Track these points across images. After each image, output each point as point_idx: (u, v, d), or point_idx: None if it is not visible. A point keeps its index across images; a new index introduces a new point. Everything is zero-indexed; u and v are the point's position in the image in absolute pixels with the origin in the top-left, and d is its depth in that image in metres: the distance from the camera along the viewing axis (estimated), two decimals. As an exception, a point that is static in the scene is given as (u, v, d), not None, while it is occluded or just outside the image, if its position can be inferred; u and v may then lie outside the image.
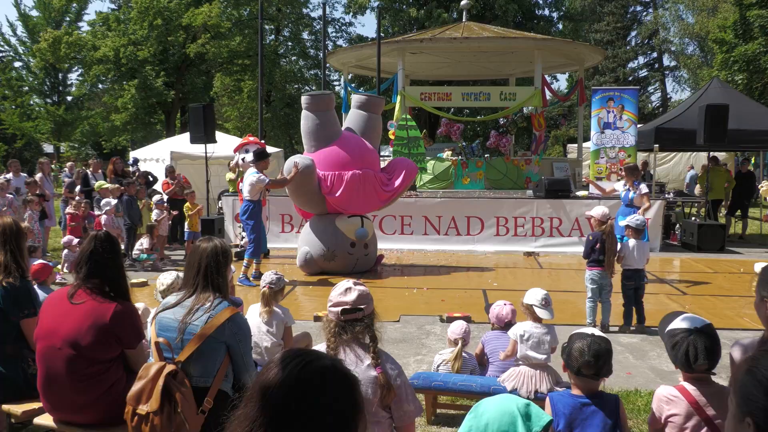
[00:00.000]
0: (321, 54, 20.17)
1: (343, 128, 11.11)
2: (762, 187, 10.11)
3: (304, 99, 10.62)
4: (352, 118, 11.14)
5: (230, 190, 15.11)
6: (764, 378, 1.45)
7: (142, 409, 3.06)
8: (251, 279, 9.88)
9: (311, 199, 10.41)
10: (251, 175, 9.90)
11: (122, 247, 11.82)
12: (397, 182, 10.79)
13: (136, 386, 3.13)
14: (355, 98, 11.20)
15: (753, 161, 19.02)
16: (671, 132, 14.58)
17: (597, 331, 3.22)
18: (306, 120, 10.68)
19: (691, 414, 2.91)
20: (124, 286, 3.65)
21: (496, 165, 16.56)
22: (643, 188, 9.77)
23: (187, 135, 15.09)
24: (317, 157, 10.39)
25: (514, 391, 4.40)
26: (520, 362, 4.58)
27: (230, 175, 15.37)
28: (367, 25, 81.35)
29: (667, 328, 3.04)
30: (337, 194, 10.24)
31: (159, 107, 35.61)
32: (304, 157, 10.25)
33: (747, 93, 22.56)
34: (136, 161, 16.62)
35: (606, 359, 3.07)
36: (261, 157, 10.32)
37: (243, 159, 12.23)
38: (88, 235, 3.72)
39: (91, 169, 14.06)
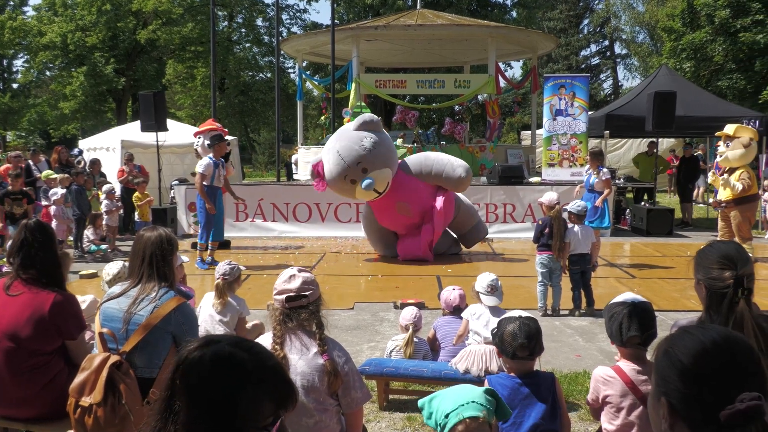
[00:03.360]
0: (275, 41, 19.98)
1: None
2: (711, 175, 10.35)
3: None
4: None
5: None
6: (678, 360, 1.47)
7: (85, 401, 2.99)
8: (205, 262, 10.17)
9: None
10: (201, 162, 10.10)
11: (71, 238, 11.63)
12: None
13: (79, 378, 3.05)
14: (455, 175, 10.52)
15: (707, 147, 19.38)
16: (621, 119, 14.84)
17: (524, 313, 3.27)
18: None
19: (626, 393, 2.99)
20: (60, 275, 3.56)
21: (451, 152, 16.60)
22: (605, 173, 9.89)
23: (138, 123, 14.83)
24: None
25: (467, 373, 4.45)
26: (471, 341, 4.65)
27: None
28: (321, 11, 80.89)
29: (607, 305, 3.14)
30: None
31: (109, 95, 34.95)
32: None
33: (694, 80, 23.05)
34: (80, 152, 16.24)
35: (538, 338, 3.14)
36: (217, 141, 10.38)
37: (208, 144, 11.74)
38: (19, 225, 3.61)
39: (30, 160, 13.64)
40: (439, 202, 10.33)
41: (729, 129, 9.74)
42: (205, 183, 9.96)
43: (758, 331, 2.44)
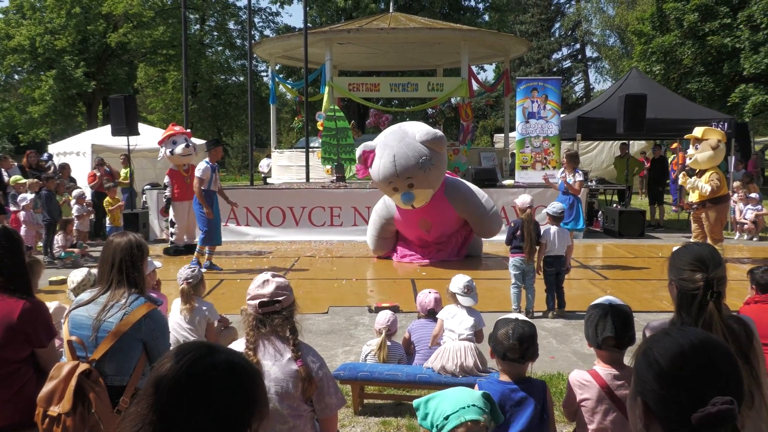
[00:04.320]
0: (247, 44, 19.88)
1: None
2: (681, 176, 10.50)
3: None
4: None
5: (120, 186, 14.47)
6: (655, 361, 1.48)
7: (54, 410, 2.94)
8: (208, 264, 10.22)
9: None
10: (198, 167, 10.09)
11: (41, 244, 11.45)
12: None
13: (48, 387, 3.00)
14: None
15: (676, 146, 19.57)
16: (593, 121, 14.95)
17: (521, 316, 3.26)
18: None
19: (602, 398, 2.99)
20: (28, 281, 3.48)
21: (424, 155, 16.65)
22: (579, 175, 10.08)
23: (109, 127, 14.65)
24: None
25: (442, 371, 4.46)
26: (445, 339, 4.66)
27: (124, 171, 14.80)
28: (294, 15, 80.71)
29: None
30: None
31: (79, 99, 34.50)
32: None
33: (664, 83, 23.34)
34: (50, 157, 15.99)
35: (530, 342, 3.11)
36: (213, 146, 10.47)
37: (171, 152, 11.62)
38: None
39: (1, 166, 13.38)
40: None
41: (697, 132, 9.89)
42: (203, 188, 9.96)
43: (728, 332, 2.47)
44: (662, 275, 2.87)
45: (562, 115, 15.40)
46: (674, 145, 17.29)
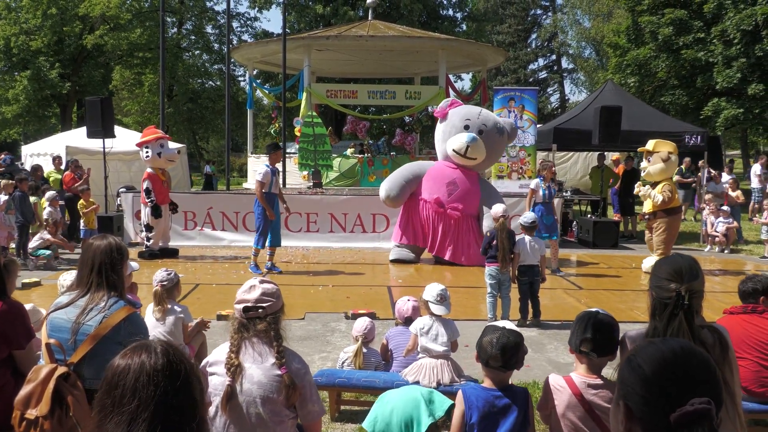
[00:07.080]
0: (225, 48, 19.84)
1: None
2: (636, 187, 10.73)
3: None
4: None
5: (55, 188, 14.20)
6: (639, 366, 1.56)
7: (31, 413, 2.91)
8: (270, 265, 10.56)
9: None
10: (259, 170, 10.24)
11: (13, 245, 11.30)
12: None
13: (25, 390, 2.97)
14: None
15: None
16: (568, 132, 15.11)
17: (510, 324, 3.29)
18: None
19: (574, 404, 3.05)
20: (2, 283, 3.45)
21: (401, 162, 16.69)
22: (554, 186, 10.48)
23: (84, 129, 14.49)
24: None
25: (416, 383, 4.46)
26: (422, 355, 4.66)
27: (55, 174, 14.55)
28: (272, 20, 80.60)
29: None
30: None
31: (54, 100, 34.13)
32: None
33: (639, 95, 23.66)
34: (12, 160, 15.55)
35: (513, 352, 3.14)
36: (274, 149, 10.63)
37: (159, 154, 11.47)
38: None
39: None
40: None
41: (649, 145, 10.20)
42: (263, 191, 10.08)
43: (698, 344, 2.53)
44: (636, 285, 2.94)
45: (538, 126, 15.55)
46: (615, 157, 17.54)
